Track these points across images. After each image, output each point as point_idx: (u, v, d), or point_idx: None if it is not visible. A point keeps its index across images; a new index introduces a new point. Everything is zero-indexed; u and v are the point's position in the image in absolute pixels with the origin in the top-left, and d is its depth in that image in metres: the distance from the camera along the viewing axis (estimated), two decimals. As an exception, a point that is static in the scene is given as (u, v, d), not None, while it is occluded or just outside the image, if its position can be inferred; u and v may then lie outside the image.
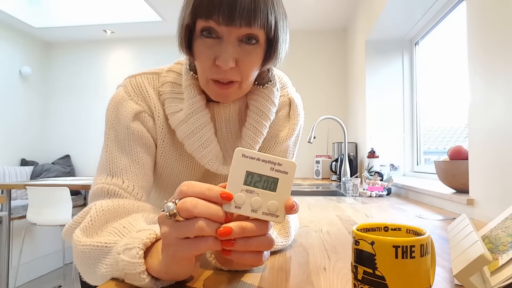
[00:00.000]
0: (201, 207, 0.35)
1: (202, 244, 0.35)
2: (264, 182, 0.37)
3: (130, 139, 0.62)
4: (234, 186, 0.37)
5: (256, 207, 0.37)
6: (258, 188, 0.37)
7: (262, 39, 0.56)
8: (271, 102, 0.67)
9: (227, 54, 0.53)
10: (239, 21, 0.51)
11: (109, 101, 0.65)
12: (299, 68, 3.52)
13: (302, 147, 3.28)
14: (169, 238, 0.36)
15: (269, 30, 0.54)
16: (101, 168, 0.62)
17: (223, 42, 0.54)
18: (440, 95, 2.23)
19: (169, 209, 0.35)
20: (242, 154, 0.37)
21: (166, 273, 0.40)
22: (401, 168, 2.38)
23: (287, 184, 0.37)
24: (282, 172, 0.37)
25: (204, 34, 0.54)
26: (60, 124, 3.97)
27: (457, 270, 0.41)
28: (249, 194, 0.37)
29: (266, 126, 0.67)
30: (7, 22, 3.48)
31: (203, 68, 0.57)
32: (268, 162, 0.37)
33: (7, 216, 2.46)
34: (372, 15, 2.27)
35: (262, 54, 0.58)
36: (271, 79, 0.67)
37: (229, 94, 0.58)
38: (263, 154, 0.37)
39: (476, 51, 1.03)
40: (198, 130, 0.63)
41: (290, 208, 0.37)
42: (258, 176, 0.37)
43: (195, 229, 0.34)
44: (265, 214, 0.37)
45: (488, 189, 0.97)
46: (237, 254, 0.37)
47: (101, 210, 0.52)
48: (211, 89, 0.58)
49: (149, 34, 3.78)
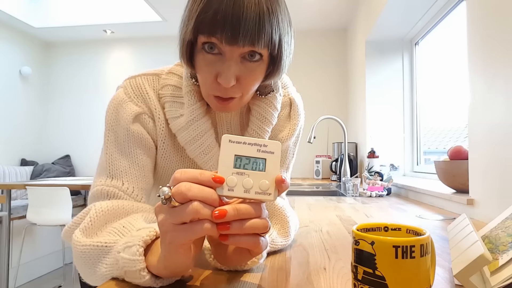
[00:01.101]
0: (195, 189, 0.35)
1: (198, 228, 0.36)
2: (252, 164, 0.39)
3: (130, 141, 0.62)
4: (225, 170, 0.38)
5: (248, 188, 0.38)
6: (248, 170, 0.38)
7: (265, 56, 0.54)
8: (273, 107, 0.67)
9: (229, 72, 0.52)
10: (242, 42, 0.50)
11: (109, 102, 0.65)
12: (299, 68, 3.52)
13: (302, 147, 3.28)
14: (166, 225, 0.36)
15: (273, 48, 0.53)
16: (101, 170, 0.62)
17: (225, 60, 0.53)
18: (440, 95, 2.23)
19: (164, 193, 0.35)
20: (228, 139, 0.39)
21: (166, 267, 0.40)
22: (401, 168, 2.38)
23: (275, 163, 0.39)
24: (269, 152, 0.39)
25: (206, 49, 0.53)
26: (60, 124, 3.97)
27: (457, 270, 0.41)
28: (240, 176, 0.38)
29: (268, 131, 0.68)
30: (7, 22, 3.48)
31: (204, 84, 0.57)
32: (254, 145, 0.39)
33: (7, 216, 2.46)
34: (372, 15, 2.27)
35: (265, 69, 0.57)
36: (274, 88, 0.67)
37: (230, 108, 0.59)
38: (249, 138, 0.39)
39: (476, 51, 1.03)
40: (199, 137, 0.63)
41: (280, 182, 0.38)
42: (246, 159, 0.39)
43: (190, 212, 0.35)
44: (258, 194, 0.38)
45: (488, 189, 0.97)
46: (234, 238, 0.38)
47: (101, 211, 0.52)
48: (212, 102, 0.59)
49: (149, 34, 3.78)
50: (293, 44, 0.59)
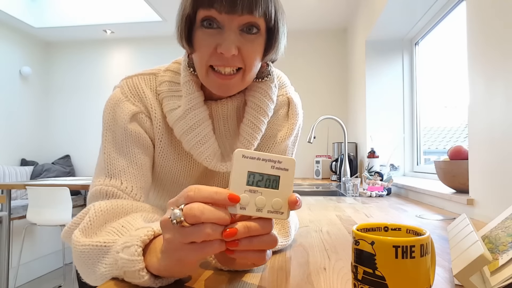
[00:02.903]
0: (209, 213, 0.34)
1: (208, 248, 0.35)
2: (266, 181, 0.38)
3: (128, 140, 0.62)
4: (237, 187, 0.37)
5: (261, 206, 0.37)
6: (261, 188, 0.37)
7: (263, 28, 0.57)
8: (269, 98, 0.67)
9: (230, 41, 0.53)
10: (241, 9, 0.52)
11: (106, 102, 0.65)
12: (299, 68, 3.52)
13: (302, 147, 3.28)
14: (174, 243, 0.36)
15: (269, 18, 0.56)
16: (99, 170, 0.62)
17: (225, 31, 0.54)
18: (440, 95, 2.23)
19: (175, 216, 0.34)
20: (242, 155, 0.37)
21: (167, 271, 0.40)
22: (401, 168, 2.38)
23: (289, 180, 0.38)
24: (283, 170, 0.38)
25: (205, 25, 0.55)
26: (60, 124, 3.97)
27: (457, 270, 0.41)
28: (253, 194, 0.37)
29: (264, 122, 0.67)
30: (7, 22, 3.48)
31: (203, 57, 0.57)
32: (268, 161, 0.38)
33: (7, 216, 2.47)
34: (372, 15, 2.27)
35: (263, 43, 0.58)
36: (270, 73, 0.68)
37: (231, 86, 0.58)
38: (263, 153, 0.38)
39: (476, 51, 1.03)
40: (196, 126, 0.63)
41: (293, 203, 0.38)
42: (259, 175, 0.37)
43: (202, 235, 0.34)
44: (270, 212, 0.38)
45: (488, 189, 0.97)
46: (241, 254, 0.37)
47: (100, 211, 0.52)
48: (212, 80, 0.58)
49: (149, 34, 3.77)
50: (286, 29, 0.62)
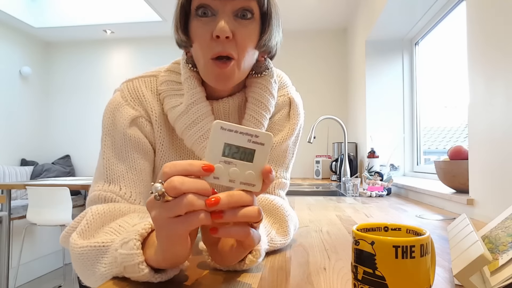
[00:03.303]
0: (188, 183, 0.35)
1: (193, 219, 0.36)
2: (241, 153, 0.38)
3: (127, 145, 0.62)
4: (213, 157, 0.38)
5: (234, 178, 0.38)
6: (235, 159, 0.38)
7: (257, 13, 0.58)
8: (269, 92, 0.67)
9: (223, 24, 0.54)
10: None
11: (106, 106, 0.65)
12: (299, 68, 3.52)
13: (302, 147, 3.28)
14: (160, 219, 0.36)
15: (262, 2, 0.57)
16: (99, 175, 0.62)
17: (218, 16, 0.55)
18: (440, 95, 2.23)
19: (157, 189, 0.35)
20: (220, 126, 0.38)
21: (164, 259, 0.40)
22: (401, 168, 2.38)
23: (264, 154, 0.39)
24: (259, 144, 0.38)
25: (199, 13, 0.56)
26: (60, 124, 3.97)
27: (457, 270, 0.41)
28: (227, 165, 0.38)
29: (266, 117, 0.67)
30: (7, 22, 3.48)
31: (201, 47, 0.57)
32: (246, 134, 0.38)
33: (7, 216, 2.46)
34: (372, 15, 2.27)
35: (258, 30, 0.59)
36: (268, 67, 0.67)
37: (228, 75, 0.58)
38: (241, 126, 0.38)
39: (476, 50, 1.03)
40: (199, 121, 0.62)
41: (267, 172, 0.38)
42: (236, 148, 0.38)
43: (185, 205, 0.35)
44: (243, 184, 0.38)
45: (488, 189, 0.97)
46: (224, 230, 0.38)
47: (97, 214, 0.52)
48: (211, 71, 0.58)
49: (149, 34, 3.77)
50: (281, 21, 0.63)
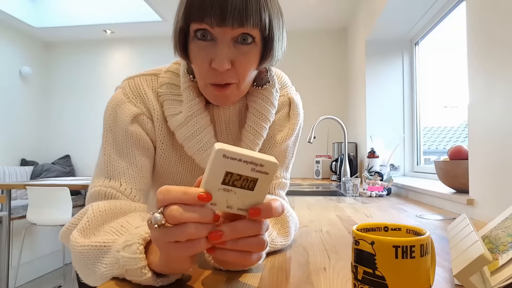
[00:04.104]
0: (188, 213, 0.34)
1: (193, 247, 0.35)
2: (243, 181, 0.36)
3: (128, 142, 0.62)
4: (212, 185, 0.35)
5: (232, 204, 0.37)
6: (235, 187, 0.36)
7: (258, 38, 0.55)
8: (270, 103, 0.66)
9: (222, 56, 0.52)
10: (231, 22, 0.50)
11: (107, 103, 0.65)
12: (299, 68, 3.52)
13: (302, 147, 3.28)
14: (160, 243, 0.36)
15: (263, 28, 0.53)
16: (99, 171, 0.61)
17: (218, 44, 0.53)
18: (440, 94, 2.23)
19: (156, 220, 0.34)
20: (223, 154, 0.34)
21: (168, 267, 0.40)
22: (401, 168, 2.38)
23: (267, 183, 0.37)
24: (263, 173, 0.36)
25: (198, 36, 0.53)
26: (60, 124, 3.97)
27: (457, 270, 0.41)
28: (226, 192, 0.36)
29: (265, 128, 0.67)
30: (7, 22, 3.48)
31: (200, 73, 0.57)
32: (250, 163, 0.35)
33: (7, 216, 2.46)
34: (372, 15, 2.27)
35: (259, 53, 0.57)
36: (270, 80, 0.67)
37: (227, 96, 0.58)
38: (246, 155, 0.35)
39: (475, 50, 1.03)
40: (198, 133, 0.62)
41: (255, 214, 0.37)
42: (237, 175, 0.36)
43: (185, 235, 0.34)
44: (240, 210, 0.37)
45: (488, 189, 0.97)
46: (222, 252, 0.37)
47: (98, 211, 0.52)
48: (210, 92, 0.58)
49: (149, 34, 3.77)
50: (285, 33, 0.60)
